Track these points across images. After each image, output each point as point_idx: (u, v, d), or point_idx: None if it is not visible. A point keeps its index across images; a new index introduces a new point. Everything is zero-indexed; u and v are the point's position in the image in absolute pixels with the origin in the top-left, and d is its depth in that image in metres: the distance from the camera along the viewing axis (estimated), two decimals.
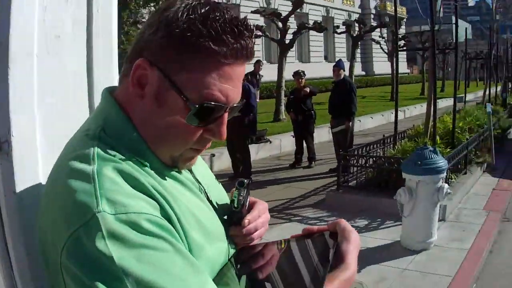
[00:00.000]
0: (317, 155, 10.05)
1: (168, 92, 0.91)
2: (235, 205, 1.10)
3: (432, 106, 8.17)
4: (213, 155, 9.47)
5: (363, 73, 38.52)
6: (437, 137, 8.19)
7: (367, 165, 7.55)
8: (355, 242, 1.06)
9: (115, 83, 1.28)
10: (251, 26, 0.95)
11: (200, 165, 1.15)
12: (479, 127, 10.52)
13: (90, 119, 1.01)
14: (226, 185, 1.19)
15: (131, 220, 0.81)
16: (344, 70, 9.36)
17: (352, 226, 1.11)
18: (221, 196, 1.17)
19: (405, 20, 47.71)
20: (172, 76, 0.91)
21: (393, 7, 9.13)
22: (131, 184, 0.87)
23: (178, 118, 0.92)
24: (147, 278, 0.78)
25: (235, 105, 0.97)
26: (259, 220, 1.11)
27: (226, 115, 0.97)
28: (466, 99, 14.54)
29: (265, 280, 1.04)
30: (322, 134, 12.61)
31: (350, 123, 9.12)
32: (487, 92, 16.18)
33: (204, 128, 0.95)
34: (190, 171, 1.07)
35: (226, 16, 0.91)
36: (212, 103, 0.91)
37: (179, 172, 1.02)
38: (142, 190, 0.87)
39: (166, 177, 0.97)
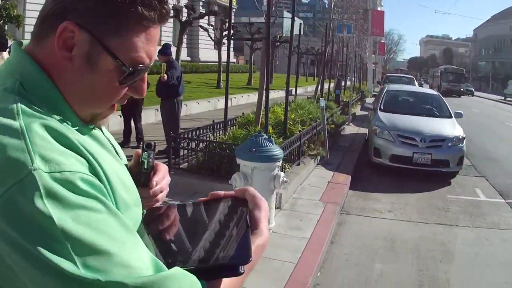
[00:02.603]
0: (145, 136, 10.05)
1: (100, 55, 0.95)
2: (145, 167, 1.18)
3: (264, 96, 8.57)
4: None
5: (189, 58, 38.73)
6: (269, 127, 8.57)
7: (198, 148, 7.72)
8: (266, 211, 1.11)
9: None
10: None
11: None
12: (311, 120, 11.21)
13: (2, 72, 0.97)
14: None
15: (66, 179, 0.80)
16: (171, 56, 9.29)
17: None
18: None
19: (234, 10, 48.92)
20: (104, 40, 0.94)
21: None
22: (60, 140, 0.86)
23: (108, 79, 0.97)
24: (87, 240, 0.77)
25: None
26: (163, 181, 1.22)
27: (146, 73, 1.05)
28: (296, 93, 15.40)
29: (171, 241, 1.04)
30: (149, 116, 12.76)
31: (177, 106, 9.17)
32: (319, 88, 17.20)
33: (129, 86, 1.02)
34: (100, 129, 1.09)
35: None
36: (143, 66, 1.00)
37: (95, 130, 1.05)
38: (70, 147, 0.87)
39: (86, 135, 0.99)
